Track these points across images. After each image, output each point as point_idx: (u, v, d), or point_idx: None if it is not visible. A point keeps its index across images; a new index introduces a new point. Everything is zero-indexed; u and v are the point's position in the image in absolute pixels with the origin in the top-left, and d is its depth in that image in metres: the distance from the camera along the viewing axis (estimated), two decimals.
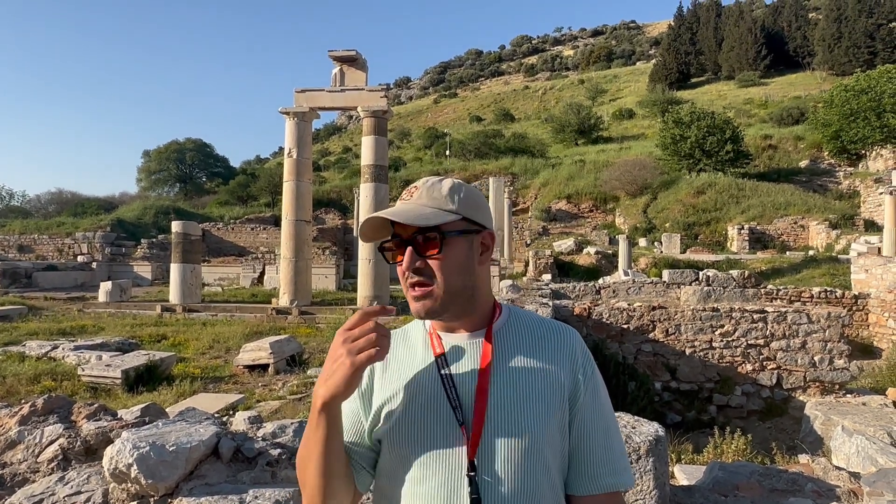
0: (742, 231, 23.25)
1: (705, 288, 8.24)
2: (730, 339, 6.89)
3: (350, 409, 1.10)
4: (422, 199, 1.05)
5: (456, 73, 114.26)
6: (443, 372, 1.05)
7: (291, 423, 2.61)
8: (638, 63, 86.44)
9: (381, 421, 1.06)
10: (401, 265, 1.03)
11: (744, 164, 30.63)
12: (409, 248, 1.02)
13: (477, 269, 1.07)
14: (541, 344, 1.08)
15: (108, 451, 2.15)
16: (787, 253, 21.34)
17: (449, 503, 0.98)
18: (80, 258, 25.09)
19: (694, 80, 62.71)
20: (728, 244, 23.88)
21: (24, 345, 8.94)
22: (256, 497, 2.14)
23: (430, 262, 1.02)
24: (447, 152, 44.89)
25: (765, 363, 6.86)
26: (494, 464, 0.99)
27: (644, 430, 2.05)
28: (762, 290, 9.36)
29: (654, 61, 72.24)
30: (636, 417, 2.18)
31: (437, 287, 1.02)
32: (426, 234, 1.02)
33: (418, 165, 43.00)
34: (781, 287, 9.90)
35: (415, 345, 1.11)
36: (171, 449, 2.19)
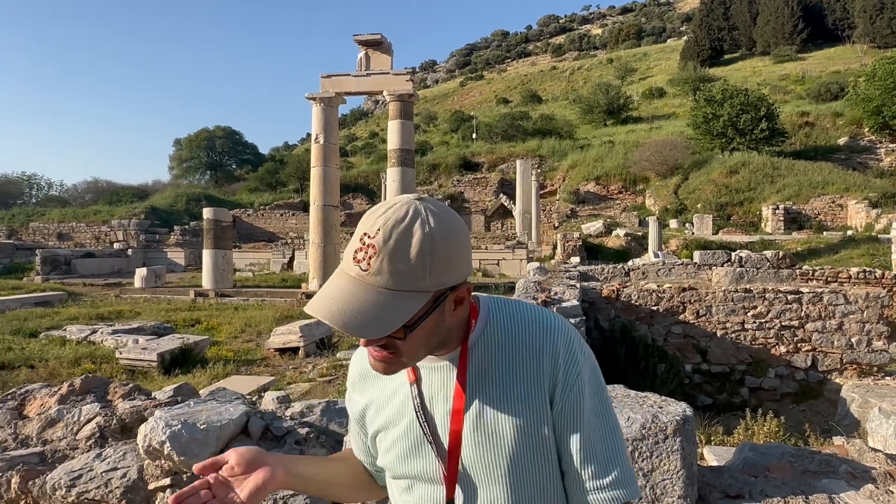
0: (777, 211, 22.66)
1: (738, 269, 8.08)
2: (763, 320, 6.76)
3: (354, 430, 1.12)
4: (382, 277, 0.82)
5: (482, 55, 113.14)
6: (415, 402, 0.96)
7: (319, 404, 2.65)
8: (669, 40, 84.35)
9: (376, 451, 1.05)
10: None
11: (779, 142, 29.77)
12: (370, 347, 0.90)
13: (447, 323, 0.91)
14: (520, 351, 0.94)
15: (142, 429, 2.21)
16: (825, 233, 20.75)
17: None
18: (116, 245, 25.75)
19: (727, 56, 60.97)
20: (762, 225, 23.32)
21: (65, 329, 9.23)
22: None
23: (395, 340, 0.87)
24: (474, 135, 44.61)
25: (799, 345, 6.71)
26: (475, 498, 0.93)
27: (671, 409, 2.03)
28: (797, 271, 9.12)
29: (685, 38, 70.41)
30: (663, 398, 2.15)
31: (404, 357, 0.89)
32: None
33: (445, 149, 42.85)
34: (818, 268, 9.62)
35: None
36: (202, 427, 2.24)
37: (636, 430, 1.94)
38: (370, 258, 0.82)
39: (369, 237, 0.82)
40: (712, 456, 2.92)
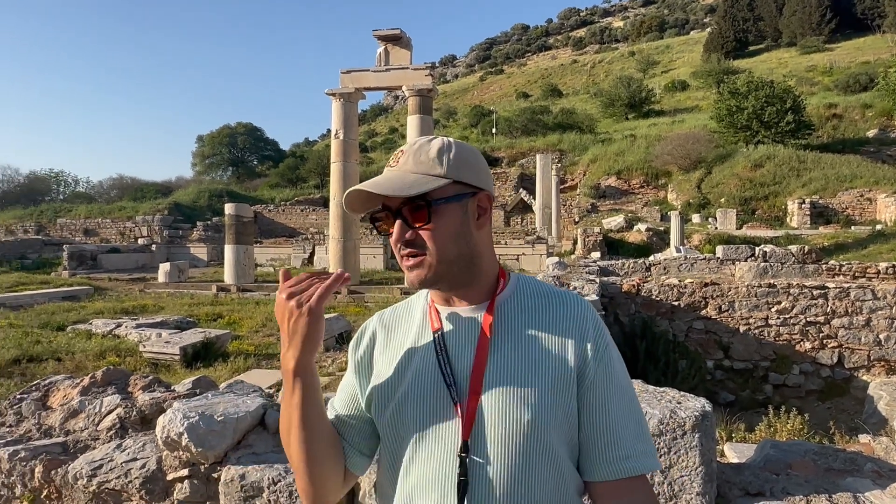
0: (803, 205, 22.23)
1: (762, 264, 7.95)
2: (787, 316, 6.64)
3: (347, 382, 1.09)
4: (407, 165, 0.97)
5: (502, 50, 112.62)
6: (439, 348, 0.99)
7: (333, 397, 2.66)
8: (692, 32, 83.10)
9: (378, 398, 1.02)
10: (391, 237, 0.98)
11: (805, 134, 29.18)
12: (399, 221, 0.97)
13: (475, 235, 0.99)
14: (548, 317, 0.99)
15: (161, 421, 2.23)
16: (853, 227, 20.32)
17: (440, 483, 0.95)
18: (140, 241, 26.19)
19: (752, 48, 59.89)
20: (788, 219, 22.91)
21: (91, 323, 9.41)
22: None
23: (420, 232, 0.96)
24: (493, 130, 44.46)
25: (825, 341, 6.58)
26: (487, 445, 0.93)
27: (690, 405, 1.99)
28: (823, 266, 8.93)
29: (708, 30, 69.31)
30: (682, 393, 2.12)
31: (430, 256, 0.96)
32: (414, 203, 0.95)
33: None
34: (845, 263, 9.41)
35: (415, 319, 1.06)
36: (219, 419, 2.26)
37: (654, 425, 1.91)
38: (398, 159, 0.99)
39: (402, 151, 1.00)
40: (733, 453, 2.87)
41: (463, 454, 0.94)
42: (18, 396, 2.81)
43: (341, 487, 1.06)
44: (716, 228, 21.40)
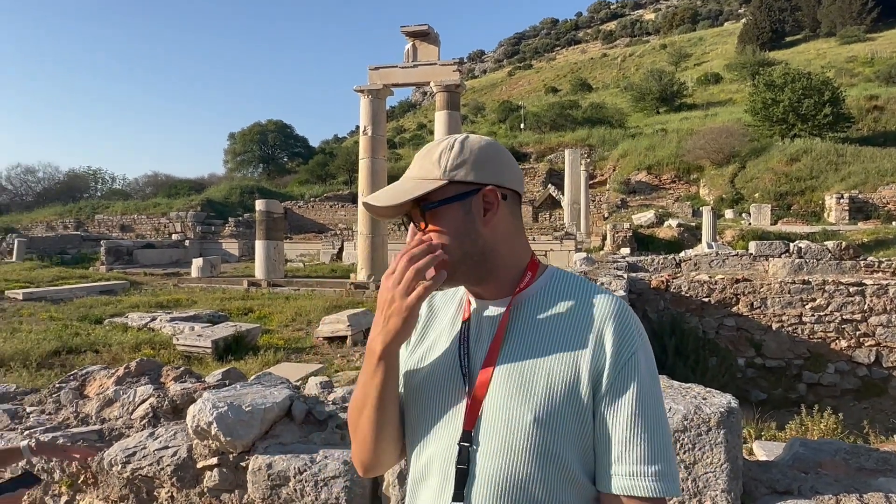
0: (841, 200, 21.61)
1: (796, 260, 7.77)
2: (822, 313, 6.48)
3: (402, 360, 1.12)
4: (412, 171, 1.01)
5: (531, 44, 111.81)
6: (462, 337, 1.02)
7: None
8: (726, 23, 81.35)
9: (406, 375, 1.07)
10: None
11: (844, 127, 28.37)
12: (411, 224, 1.01)
13: (482, 233, 0.98)
14: (571, 318, 0.96)
15: (191, 410, 2.29)
16: (894, 223, 19.68)
17: (442, 468, 0.97)
18: (174, 236, 26.78)
19: (789, 38, 58.34)
20: (825, 215, 22.30)
21: (127, 316, 9.68)
22: (326, 457, 2.23)
23: (429, 233, 0.98)
24: (521, 125, 44.21)
25: (862, 339, 6.40)
26: (488, 439, 0.94)
27: (715, 401, 1.97)
28: (861, 263, 8.68)
29: (743, 21, 67.70)
30: (707, 389, 2.09)
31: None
32: (416, 207, 0.98)
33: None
34: (884, 259, 9.13)
35: (455, 306, 1.10)
36: (247, 409, 2.31)
37: (678, 421, 1.89)
38: (411, 166, 1.02)
39: (415, 157, 1.03)
40: (762, 451, 2.82)
41: (464, 443, 0.95)
42: (57, 386, 2.92)
43: (396, 461, 1.12)
44: (749, 224, 20.96)
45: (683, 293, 6.74)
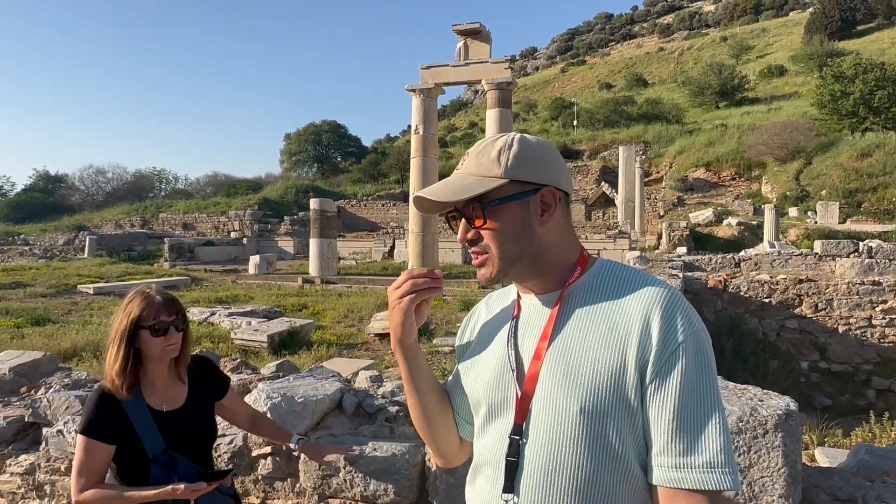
0: None
1: (867, 260, 7.37)
2: (894, 316, 6.13)
3: (458, 354, 1.20)
4: (469, 168, 1.01)
5: (584, 40, 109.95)
6: (511, 333, 1.05)
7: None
8: (791, 13, 77.92)
9: (464, 369, 1.13)
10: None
11: None
12: (463, 220, 1.02)
13: (538, 232, 1.00)
14: (617, 308, 0.96)
15: (246, 400, 2.38)
16: None
17: (495, 459, 1.01)
18: (232, 234, 27.70)
19: (860, 27, 55.40)
20: None
21: (189, 311, 10.03)
22: (375, 449, 2.27)
23: (482, 231, 1.00)
24: (574, 122, 43.57)
25: None
26: (539, 431, 0.96)
27: (772, 403, 1.90)
28: None
29: (810, 10, 64.64)
30: (764, 391, 2.02)
31: (493, 255, 1.00)
32: (473, 204, 0.99)
33: (544, 137, 41.88)
34: None
35: (508, 303, 1.12)
36: (299, 401, 2.38)
37: (733, 422, 1.84)
38: (463, 161, 1.04)
39: (468, 153, 1.04)
40: (824, 458, 2.70)
41: (515, 436, 0.98)
42: None
43: (458, 451, 1.19)
44: (815, 223, 20.03)
45: (742, 293, 6.51)
